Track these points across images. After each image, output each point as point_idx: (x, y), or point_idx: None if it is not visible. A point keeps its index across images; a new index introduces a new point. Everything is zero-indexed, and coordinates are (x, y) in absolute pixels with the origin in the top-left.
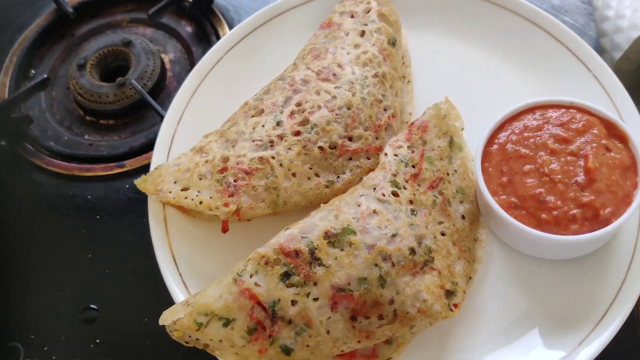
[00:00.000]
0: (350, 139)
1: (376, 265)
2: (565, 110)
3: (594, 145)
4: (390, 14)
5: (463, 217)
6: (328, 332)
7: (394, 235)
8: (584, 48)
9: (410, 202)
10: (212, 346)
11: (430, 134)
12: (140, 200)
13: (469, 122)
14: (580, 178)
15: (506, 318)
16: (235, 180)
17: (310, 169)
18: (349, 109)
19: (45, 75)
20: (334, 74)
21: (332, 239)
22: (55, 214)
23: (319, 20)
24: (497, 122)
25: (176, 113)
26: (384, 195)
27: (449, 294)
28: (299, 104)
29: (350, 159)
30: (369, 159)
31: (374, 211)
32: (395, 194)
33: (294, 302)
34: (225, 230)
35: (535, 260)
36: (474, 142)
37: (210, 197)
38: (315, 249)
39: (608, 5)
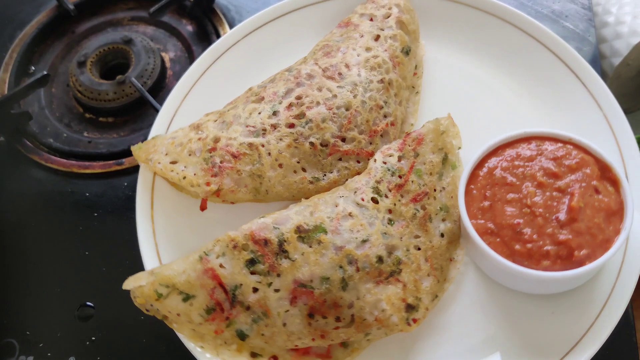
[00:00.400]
0: (343, 139)
1: (341, 267)
2: (562, 145)
3: (583, 184)
4: (409, 23)
5: (442, 235)
6: (284, 324)
7: (364, 241)
8: (602, 88)
9: (389, 211)
10: (170, 319)
11: (425, 148)
12: None
13: (472, 142)
14: (562, 215)
15: (469, 340)
16: (221, 162)
17: (298, 162)
18: (347, 109)
19: (45, 72)
20: (340, 73)
21: (303, 234)
22: (53, 211)
23: (324, 23)
24: (490, 145)
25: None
26: (363, 200)
27: (410, 308)
28: (299, 97)
29: (340, 159)
30: (359, 162)
31: (350, 214)
32: (374, 201)
33: (255, 290)
34: (203, 208)
35: (507, 290)
36: None
37: (195, 174)
38: (285, 241)
39: (608, 12)
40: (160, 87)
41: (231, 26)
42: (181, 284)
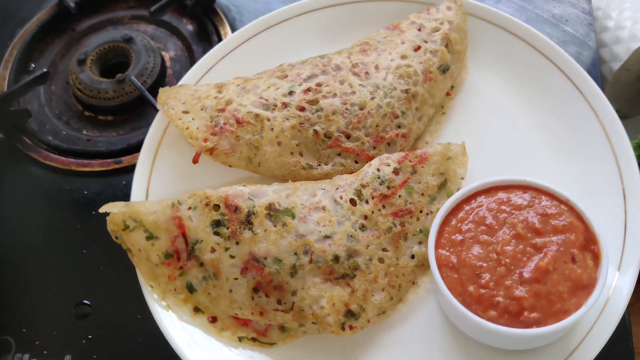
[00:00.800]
0: (347, 136)
1: (296, 254)
2: (557, 203)
3: (561, 248)
4: (456, 42)
5: (413, 257)
6: (230, 291)
7: (326, 237)
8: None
9: (365, 217)
10: (133, 252)
11: (426, 168)
12: None
13: (482, 176)
14: (527, 272)
15: None
16: (224, 123)
17: (297, 146)
18: (360, 109)
19: (45, 70)
20: (367, 72)
21: (272, 212)
22: (51, 209)
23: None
24: (485, 183)
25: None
26: (341, 198)
27: (351, 314)
28: (318, 85)
29: (339, 154)
30: (356, 162)
31: (323, 207)
32: (352, 202)
33: (212, 250)
34: (195, 161)
35: (460, 332)
36: None
37: (197, 128)
38: (253, 213)
39: (608, 16)
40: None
41: (232, 26)
42: (149, 222)
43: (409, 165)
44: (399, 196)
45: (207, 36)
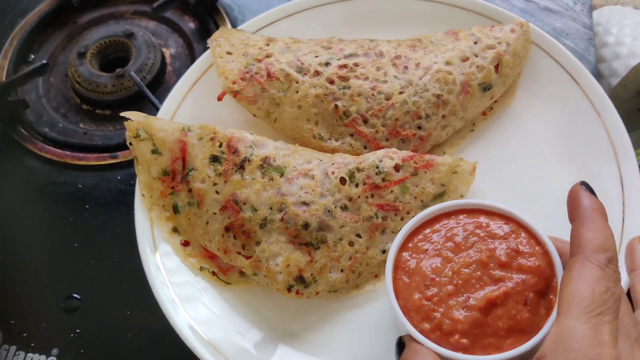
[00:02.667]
0: (365, 121)
1: (271, 208)
2: (534, 243)
3: (517, 288)
4: (507, 66)
5: (384, 251)
6: (207, 222)
7: (304, 203)
8: None
9: (350, 199)
10: (138, 161)
11: (428, 174)
12: (131, 193)
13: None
14: (474, 299)
15: (349, 347)
16: (255, 73)
17: (316, 115)
18: (386, 99)
19: (44, 61)
20: (406, 67)
21: (265, 165)
22: (44, 201)
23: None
24: (471, 203)
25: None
26: (333, 173)
27: (301, 280)
28: (356, 64)
29: (352, 135)
30: (365, 148)
31: (312, 176)
32: (342, 181)
33: (203, 181)
34: (219, 99)
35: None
36: None
37: (232, 70)
38: (248, 160)
39: (608, 32)
40: (160, 83)
41: (233, 25)
42: (157, 138)
43: (412, 166)
44: (391, 191)
45: (209, 34)
